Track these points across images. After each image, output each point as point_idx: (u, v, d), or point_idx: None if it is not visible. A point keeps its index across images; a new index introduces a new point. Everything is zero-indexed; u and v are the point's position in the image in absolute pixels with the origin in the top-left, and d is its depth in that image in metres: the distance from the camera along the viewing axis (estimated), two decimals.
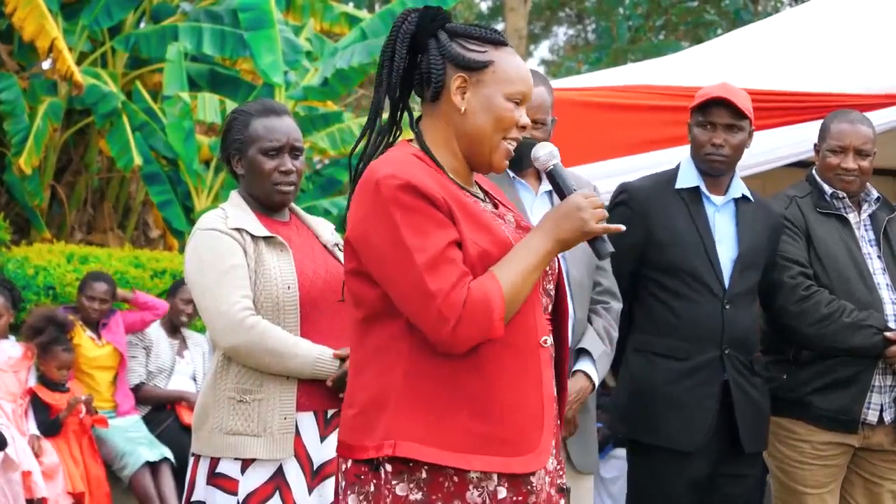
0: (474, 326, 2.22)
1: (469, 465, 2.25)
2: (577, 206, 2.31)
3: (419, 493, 2.26)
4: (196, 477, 3.14)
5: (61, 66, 8.16)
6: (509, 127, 2.36)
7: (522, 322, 2.32)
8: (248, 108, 3.27)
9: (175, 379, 6.61)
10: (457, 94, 2.35)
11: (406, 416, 2.27)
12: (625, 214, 3.84)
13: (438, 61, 2.35)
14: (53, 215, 9.42)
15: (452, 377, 2.27)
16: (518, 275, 2.26)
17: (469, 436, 2.25)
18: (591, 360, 3.52)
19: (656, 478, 3.79)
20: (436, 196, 2.26)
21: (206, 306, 3.11)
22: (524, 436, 2.29)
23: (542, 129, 3.54)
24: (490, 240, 2.30)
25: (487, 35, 2.38)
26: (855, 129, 4.01)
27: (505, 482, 2.28)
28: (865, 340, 3.87)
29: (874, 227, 4.08)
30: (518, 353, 2.30)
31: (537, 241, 2.31)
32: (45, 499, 5.65)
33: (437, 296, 2.21)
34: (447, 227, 2.26)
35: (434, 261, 2.22)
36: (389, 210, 2.25)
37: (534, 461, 2.29)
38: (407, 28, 2.37)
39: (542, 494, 2.34)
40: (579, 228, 2.31)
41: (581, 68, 18.06)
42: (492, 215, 2.38)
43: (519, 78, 2.37)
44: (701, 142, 3.84)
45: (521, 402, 2.29)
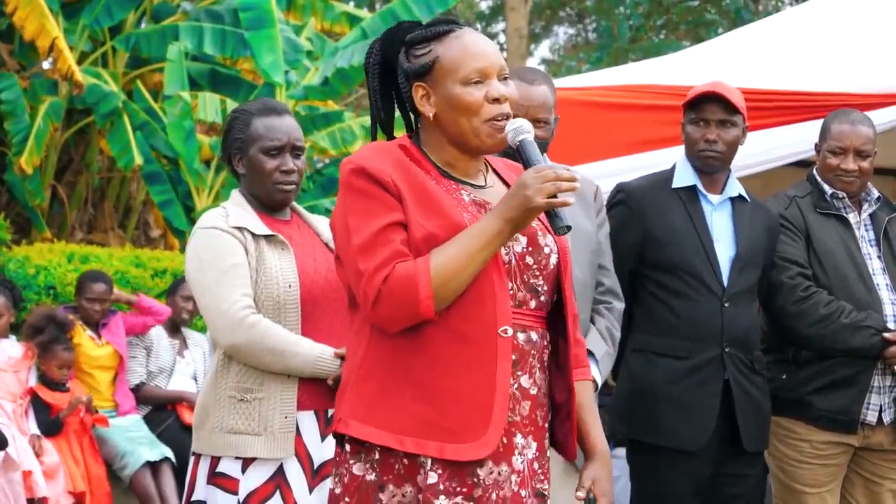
0: (395, 305, 2.25)
1: (401, 446, 2.26)
2: (522, 184, 2.27)
3: (373, 474, 2.30)
4: (197, 476, 3.14)
5: (62, 66, 8.16)
6: (478, 109, 2.35)
7: (476, 310, 2.29)
8: (249, 108, 3.27)
9: (176, 379, 6.61)
10: (423, 102, 2.38)
11: (356, 395, 2.32)
12: (622, 214, 3.84)
13: (404, 82, 2.40)
14: (54, 215, 9.42)
15: (400, 360, 2.30)
16: (455, 255, 2.25)
17: (408, 418, 2.27)
18: (595, 361, 3.51)
19: (658, 478, 3.78)
20: (384, 178, 2.30)
21: (206, 305, 3.12)
22: (465, 424, 2.27)
23: (544, 127, 3.53)
24: (439, 223, 2.30)
25: (430, 32, 2.39)
26: (855, 130, 4.01)
27: (439, 468, 2.26)
28: (864, 341, 3.87)
29: (874, 227, 4.08)
30: (468, 340, 2.29)
31: (483, 223, 2.29)
32: (45, 498, 5.65)
33: (363, 275, 2.27)
34: (391, 210, 2.29)
35: (367, 242, 2.27)
36: (343, 193, 2.34)
37: (472, 450, 2.26)
38: (374, 60, 2.44)
39: (500, 492, 2.30)
40: (524, 205, 2.26)
41: (582, 68, 18.05)
42: (460, 202, 2.36)
43: (467, 58, 2.35)
44: (694, 139, 3.83)
45: (465, 391, 2.27)
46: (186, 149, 8.56)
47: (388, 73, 2.45)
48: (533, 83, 3.51)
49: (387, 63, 2.43)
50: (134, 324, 6.55)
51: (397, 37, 2.42)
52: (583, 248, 3.57)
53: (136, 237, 9.92)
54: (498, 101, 2.36)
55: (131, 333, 6.53)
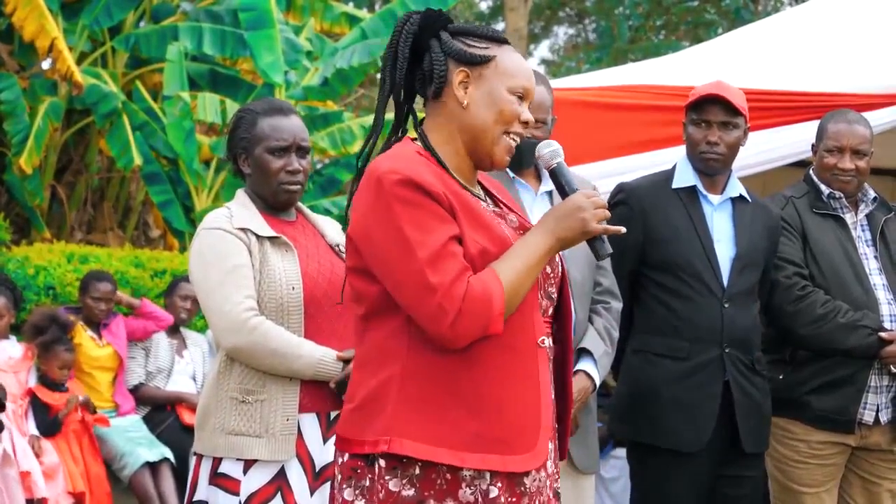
0: (474, 321, 2.22)
1: (462, 463, 2.25)
2: (578, 206, 2.32)
3: (412, 490, 2.27)
4: (198, 477, 3.14)
5: (61, 66, 8.16)
6: (511, 120, 2.38)
7: (520, 322, 2.32)
8: (254, 107, 3.26)
9: (175, 379, 6.60)
10: (459, 88, 2.37)
11: (402, 412, 2.27)
12: (623, 214, 3.84)
13: (441, 58, 2.38)
14: (53, 215, 9.43)
15: (449, 374, 2.27)
16: (518, 271, 2.27)
17: (464, 433, 2.25)
18: (593, 360, 3.52)
19: (658, 479, 3.78)
20: (437, 191, 2.27)
21: (209, 306, 3.11)
22: (520, 435, 2.29)
23: (542, 128, 3.54)
24: (489, 237, 2.31)
25: (489, 33, 2.41)
26: (852, 130, 4.01)
27: (497, 481, 2.27)
28: (860, 341, 3.87)
29: (871, 227, 4.08)
30: (515, 352, 2.31)
31: (537, 239, 2.31)
32: (45, 499, 5.65)
33: (438, 289, 2.21)
34: (448, 222, 2.27)
35: (436, 255, 2.23)
36: (391, 205, 2.26)
37: (530, 461, 2.29)
38: (409, 29, 2.40)
39: (540, 497, 2.33)
40: (580, 228, 2.32)
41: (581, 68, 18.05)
42: (492, 214, 2.39)
43: (521, 73, 2.39)
44: (696, 140, 3.83)
45: (517, 402, 2.29)
46: (186, 149, 8.56)
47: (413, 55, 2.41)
48: None
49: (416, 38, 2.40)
50: (135, 328, 6.55)
51: (440, 20, 2.41)
52: (580, 248, 3.55)
53: (135, 237, 9.92)
54: (525, 125, 2.40)
55: (132, 338, 6.52)
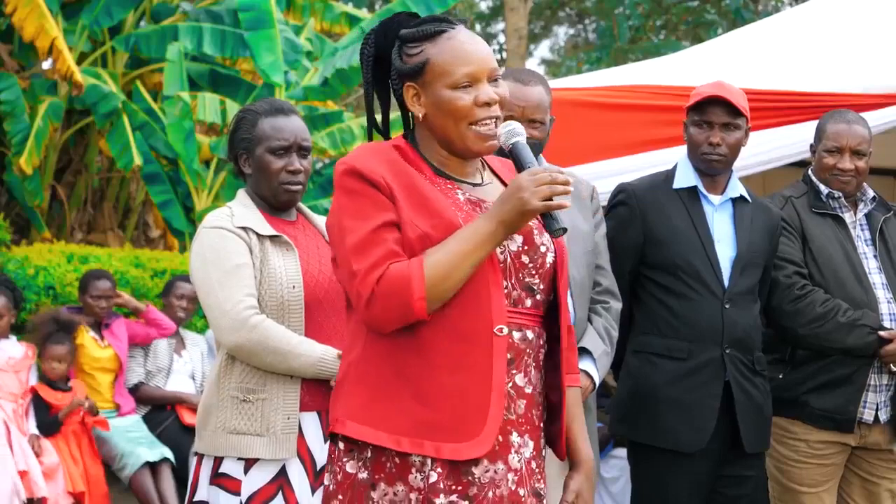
0: (388, 305, 2.25)
1: (399, 446, 2.27)
2: (518, 186, 2.28)
3: (365, 473, 2.31)
4: (199, 476, 3.14)
5: (61, 66, 8.16)
6: (467, 114, 2.34)
7: (472, 307, 2.30)
8: (255, 108, 3.27)
9: (174, 378, 6.60)
10: (413, 103, 2.38)
11: (352, 395, 2.33)
12: (623, 214, 3.84)
13: (395, 78, 2.40)
14: (53, 215, 9.43)
15: (396, 360, 2.30)
16: (449, 256, 2.26)
17: (406, 418, 2.27)
18: (592, 360, 3.51)
19: (658, 479, 3.78)
20: (376, 178, 2.31)
21: (210, 305, 3.12)
22: (462, 423, 2.27)
23: (540, 127, 3.54)
24: (433, 223, 2.30)
25: (423, 31, 2.37)
26: (851, 130, 4.02)
27: (438, 467, 2.27)
28: (860, 340, 3.88)
29: (870, 226, 4.09)
30: (464, 339, 2.29)
31: (478, 223, 2.29)
32: (44, 498, 5.66)
33: (357, 275, 2.28)
34: (384, 209, 2.30)
35: (362, 242, 2.28)
36: (337, 194, 2.35)
37: (470, 449, 2.27)
38: (367, 53, 2.43)
39: (497, 490, 2.30)
40: (519, 208, 2.27)
41: (581, 68, 18.04)
42: (455, 202, 2.36)
43: (457, 63, 2.34)
44: (698, 141, 3.83)
45: (461, 389, 2.28)
46: (186, 149, 8.56)
47: (384, 65, 2.44)
48: (528, 84, 3.51)
49: (381, 55, 2.43)
50: (137, 332, 6.54)
51: (392, 29, 2.41)
52: (580, 248, 3.57)
53: (135, 237, 9.93)
54: (487, 105, 2.35)
55: (133, 342, 6.52)
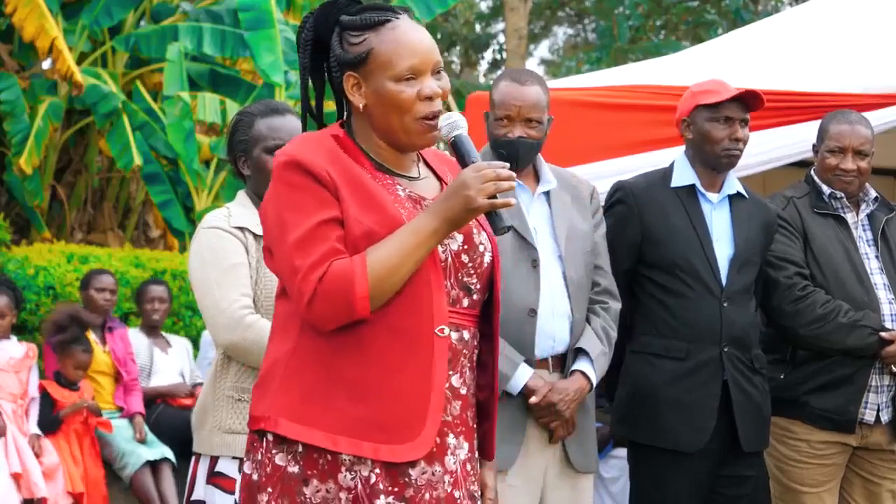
0: (331, 303, 2.20)
1: (336, 446, 2.22)
2: (462, 183, 2.22)
3: (296, 467, 2.25)
4: (196, 476, 3.15)
5: (61, 66, 8.17)
6: (409, 107, 2.29)
7: (413, 307, 2.25)
8: (251, 109, 3.30)
9: (157, 378, 6.62)
10: (353, 92, 2.32)
11: (284, 391, 2.26)
12: (621, 212, 3.84)
13: (335, 65, 2.33)
14: (53, 215, 9.43)
15: (334, 357, 2.24)
16: (392, 253, 2.21)
17: (342, 417, 2.22)
18: (589, 360, 3.51)
19: (658, 479, 3.77)
20: (319, 172, 2.24)
21: (206, 304, 3.13)
22: (401, 424, 2.23)
23: (537, 127, 3.53)
24: (378, 220, 2.25)
25: (366, 19, 2.31)
26: (854, 130, 4.02)
27: (378, 468, 2.23)
28: (861, 341, 3.87)
29: (872, 227, 4.08)
30: (404, 339, 2.25)
31: (421, 220, 2.24)
32: (44, 499, 5.66)
33: (298, 271, 2.21)
34: (327, 205, 2.24)
35: (303, 238, 2.22)
36: (277, 186, 2.28)
37: (409, 451, 2.24)
38: (306, 37, 2.37)
39: (434, 492, 2.27)
40: (464, 206, 2.22)
41: (581, 68, 18.04)
42: (397, 198, 2.31)
43: (401, 54, 2.28)
44: (718, 137, 3.80)
45: (401, 390, 2.23)
46: (186, 149, 8.56)
47: (321, 51, 2.38)
48: (525, 84, 3.51)
49: (320, 40, 2.36)
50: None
51: (332, 14, 2.35)
52: (579, 248, 3.57)
53: (135, 237, 9.93)
54: (430, 99, 2.30)
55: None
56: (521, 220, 3.48)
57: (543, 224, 3.55)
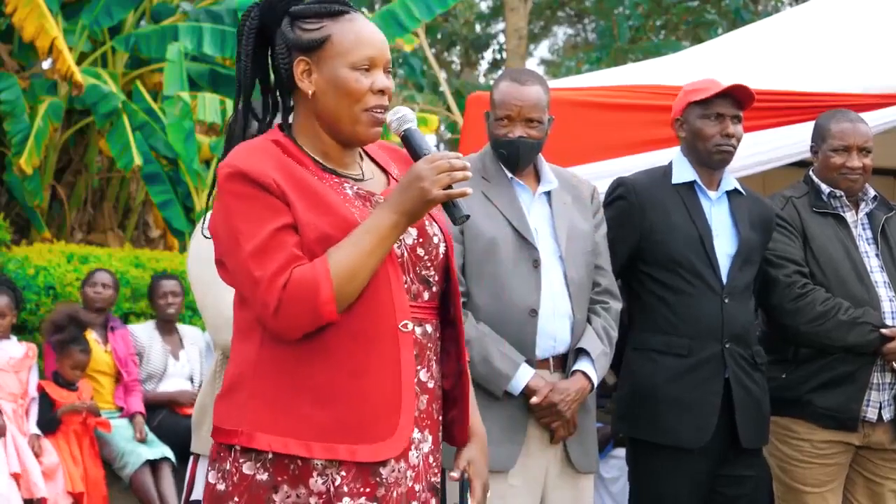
0: (297, 310, 2.17)
1: (310, 453, 2.20)
2: (417, 175, 2.22)
3: (265, 474, 2.23)
4: (196, 476, 3.15)
5: (61, 66, 8.16)
6: (361, 97, 2.29)
7: (374, 305, 2.24)
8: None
9: (168, 382, 6.61)
10: (303, 78, 2.31)
11: (253, 403, 2.24)
12: (622, 208, 3.84)
13: (284, 52, 2.32)
14: (53, 215, 9.43)
15: (299, 364, 2.22)
16: (352, 254, 2.19)
17: (313, 423, 2.20)
18: (590, 360, 3.51)
19: (658, 477, 3.77)
20: (266, 181, 2.21)
21: (205, 303, 3.13)
22: (374, 423, 2.23)
23: (538, 127, 3.53)
24: (331, 222, 2.23)
25: (324, 9, 2.32)
26: (856, 128, 4.03)
27: (343, 470, 2.22)
28: (861, 338, 3.88)
29: (872, 225, 4.09)
30: (368, 338, 2.23)
31: (377, 217, 2.23)
32: (44, 499, 5.66)
33: (261, 282, 2.18)
34: (279, 213, 2.21)
35: (259, 247, 2.19)
36: (224, 198, 2.24)
37: (384, 450, 2.23)
38: (251, 25, 2.35)
39: (399, 489, 2.27)
40: (420, 198, 2.21)
41: (581, 68, 18.04)
42: (346, 198, 2.29)
43: (360, 43, 2.29)
44: (709, 134, 3.82)
45: (371, 389, 2.23)
46: (186, 149, 8.56)
47: (261, 43, 2.37)
48: (525, 84, 3.51)
49: (262, 31, 2.35)
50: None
51: (280, 5, 2.34)
52: (580, 248, 3.57)
53: (135, 237, 9.93)
54: (382, 93, 2.31)
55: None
56: (521, 221, 3.48)
57: (544, 224, 3.56)
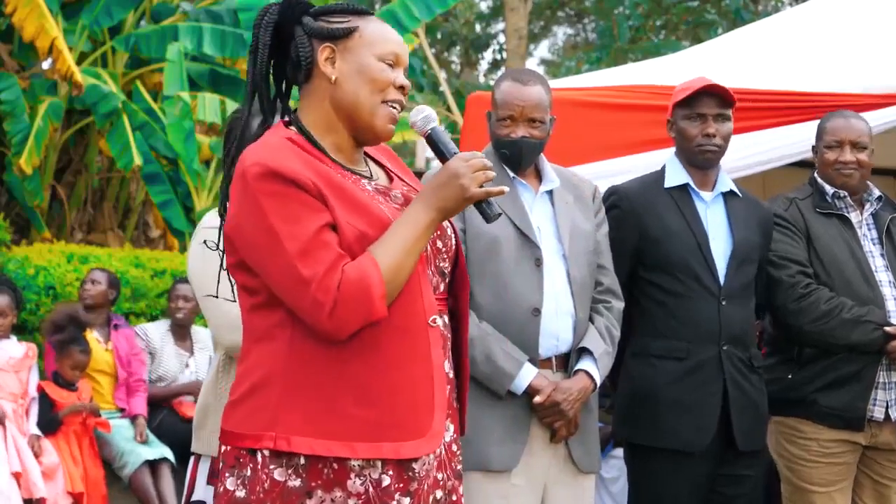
0: (353, 309, 2.16)
1: (355, 454, 2.19)
2: (455, 173, 2.25)
3: (298, 480, 2.20)
4: (196, 476, 3.15)
5: (61, 66, 8.17)
6: (385, 87, 2.32)
7: (408, 302, 2.25)
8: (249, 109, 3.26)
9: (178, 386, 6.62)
10: (326, 64, 2.33)
11: (287, 405, 2.21)
12: (616, 217, 3.83)
13: (305, 41, 2.34)
14: (53, 215, 9.43)
15: (335, 363, 2.21)
16: (397, 251, 2.20)
17: (354, 422, 2.19)
18: (593, 359, 3.50)
19: (658, 481, 3.76)
20: (304, 180, 2.20)
21: (207, 304, 3.12)
22: (414, 420, 2.23)
23: (540, 127, 3.53)
24: (367, 221, 2.24)
25: (350, 7, 2.38)
26: (849, 124, 4.05)
27: (389, 469, 2.22)
28: (865, 336, 3.88)
29: (877, 225, 4.09)
30: (404, 334, 2.24)
31: (416, 214, 2.24)
32: (44, 499, 5.66)
33: (311, 282, 2.16)
34: (318, 211, 2.21)
35: (306, 246, 2.17)
36: (257, 199, 2.20)
37: (424, 445, 2.24)
38: (269, 19, 2.37)
39: (428, 480, 2.28)
40: (459, 196, 2.25)
41: (581, 68, 18.04)
42: (371, 194, 2.31)
43: (387, 39, 2.35)
44: (691, 134, 3.83)
45: (409, 385, 2.23)
46: (186, 149, 8.56)
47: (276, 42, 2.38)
48: (527, 84, 3.51)
49: (278, 28, 2.37)
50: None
51: (299, 6, 2.38)
52: (582, 247, 3.57)
53: (135, 237, 9.93)
54: (401, 90, 2.34)
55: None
56: (524, 220, 3.48)
57: (547, 223, 3.56)
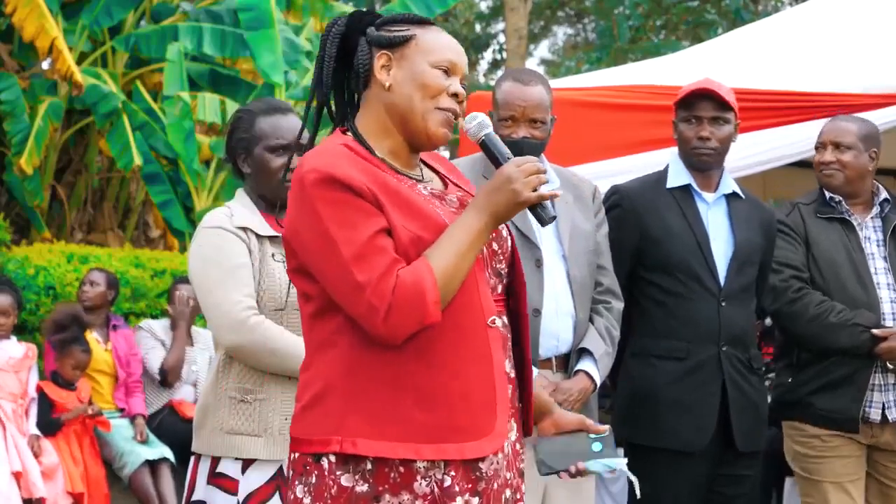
0: (407, 313, 2.18)
1: (419, 455, 2.21)
2: (507, 177, 2.26)
3: (365, 485, 2.22)
4: (196, 476, 3.14)
5: (61, 66, 8.17)
6: (437, 93, 2.33)
7: (466, 304, 2.27)
8: (252, 107, 3.27)
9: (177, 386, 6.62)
10: (382, 71, 2.35)
11: (351, 410, 2.23)
12: (618, 216, 3.84)
13: (365, 50, 2.37)
14: (53, 215, 9.43)
15: (396, 367, 2.23)
16: (451, 256, 2.22)
17: (417, 425, 2.21)
18: (593, 360, 3.51)
19: (658, 481, 3.76)
20: (359, 185, 2.23)
21: (208, 305, 3.11)
22: (476, 420, 2.25)
23: (541, 127, 3.53)
24: (422, 224, 2.26)
25: (411, 17, 2.40)
26: (833, 125, 4.09)
27: (452, 470, 2.23)
28: (853, 339, 3.89)
29: (884, 227, 4.09)
30: (463, 336, 2.26)
31: (470, 219, 2.26)
32: (43, 499, 5.66)
33: (366, 287, 2.18)
34: (374, 216, 2.23)
35: (360, 251, 2.19)
36: (314, 204, 2.23)
37: (487, 445, 2.25)
38: (337, 31, 2.40)
39: (497, 480, 2.30)
40: (512, 200, 2.26)
41: (581, 68, 18.04)
42: (427, 198, 2.33)
43: (443, 47, 2.36)
44: (687, 137, 3.83)
45: (470, 387, 2.25)
46: (186, 149, 8.56)
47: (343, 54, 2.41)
48: (528, 84, 3.51)
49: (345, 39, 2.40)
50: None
51: (367, 17, 2.41)
52: (582, 247, 3.57)
53: (135, 237, 9.93)
54: (456, 97, 2.36)
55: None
56: (524, 220, 3.48)
57: None
